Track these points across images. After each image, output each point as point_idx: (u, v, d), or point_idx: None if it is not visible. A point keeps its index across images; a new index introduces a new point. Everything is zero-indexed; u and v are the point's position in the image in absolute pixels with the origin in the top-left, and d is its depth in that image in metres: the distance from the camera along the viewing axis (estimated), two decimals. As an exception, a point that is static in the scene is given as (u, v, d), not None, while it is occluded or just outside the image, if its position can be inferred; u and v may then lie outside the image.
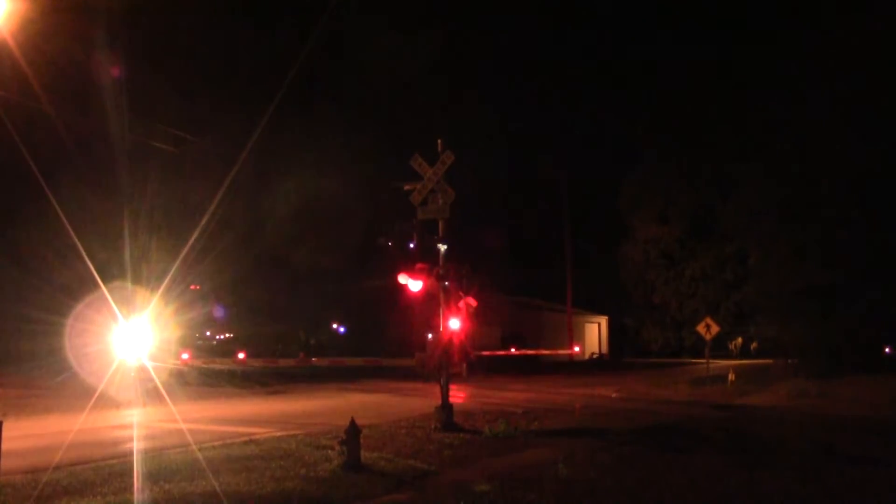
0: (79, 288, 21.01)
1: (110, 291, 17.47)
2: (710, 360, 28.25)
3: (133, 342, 17.67)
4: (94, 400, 15.41)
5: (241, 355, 35.70)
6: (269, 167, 33.27)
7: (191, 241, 19.72)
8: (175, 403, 16.62)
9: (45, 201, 18.58)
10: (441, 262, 13.53)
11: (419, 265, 13.60)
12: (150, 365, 19.04)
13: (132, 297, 18.98)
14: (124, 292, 18.96)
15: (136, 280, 21.00)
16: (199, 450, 10.21)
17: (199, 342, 36.11)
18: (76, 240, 18.16)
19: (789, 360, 29.61)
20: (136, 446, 10.72)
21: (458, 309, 13.67)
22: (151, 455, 9.87)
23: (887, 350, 28.08)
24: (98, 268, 17.89)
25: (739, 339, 46.29)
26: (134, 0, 21.23)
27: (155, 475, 8.40)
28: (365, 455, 9.49)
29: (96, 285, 17.77)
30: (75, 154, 24.25)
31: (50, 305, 22.99)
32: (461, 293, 13.75)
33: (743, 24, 46.89)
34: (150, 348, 19.27)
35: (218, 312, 37.47)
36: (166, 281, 20.10)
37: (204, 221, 19.84)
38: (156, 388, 17.92)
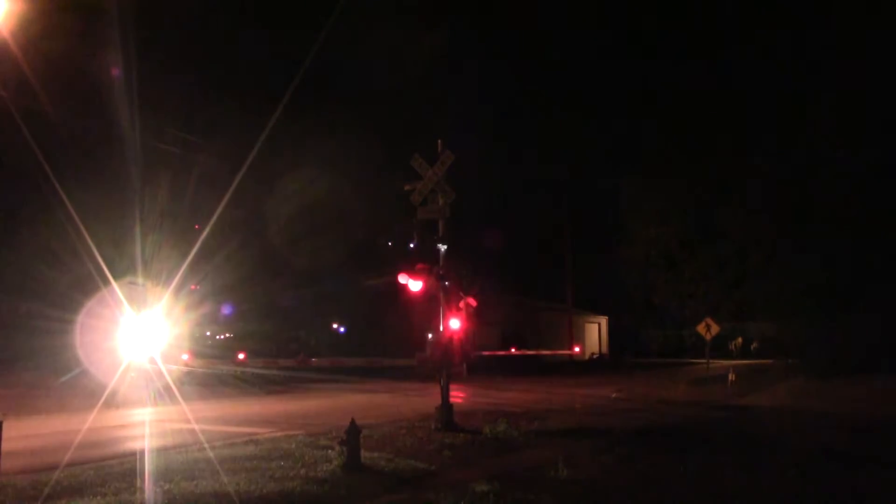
0: (89, 284, 21.06)
1: (120, 288, 17.52)
2: (711, 360, 28.28)
3: (142, 341, 17.71)
4: (101, 400, 15.46)
5: (241, 355, 35.71)
6: (270, 167, 33.27)
7: (199, 242, 19.77)
8: (177, 404, 16.65)
9: (56, 198, 18.69)
10: (441, 262, 13.53)
11: (419, 265, 13.59)
12: (161, 364, 19.08)
13: (142, 295, 19.02)
14: (134, 290, 19.00)
15: (146, 278, 21.04)
16: (200, 450, 10.22)
17: (197, 341, 36.12)
18: (86, 236, 18.21)
19: (789, 360, 29.62)
20: (140, 447, 10.72)
21: (458, 309, 13.67)
22: (153, 455, 9.87)
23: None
24: (108, 265, 17.94)
25: (739, 339, 46.32)
26: (138, 2, 21.31)
27: (155, 475, 8.40)
28: (365, 455, 9.49)
29: (107, 282, 17.83)
30: (83, 152, 24.40)
31: (61, 302, 23.06)
32: (461, 293, 13.75)
33: (743, 26, 46.88)
34: (161, 348, 19.31)
35: (226, 311, 37.51)
36: (176, 280, 20.14)
37: (211, 222, 19.89)
38: (160, 389, 17.95)
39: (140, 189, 23.75)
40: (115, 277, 18.31)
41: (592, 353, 48.78)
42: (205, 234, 19.97)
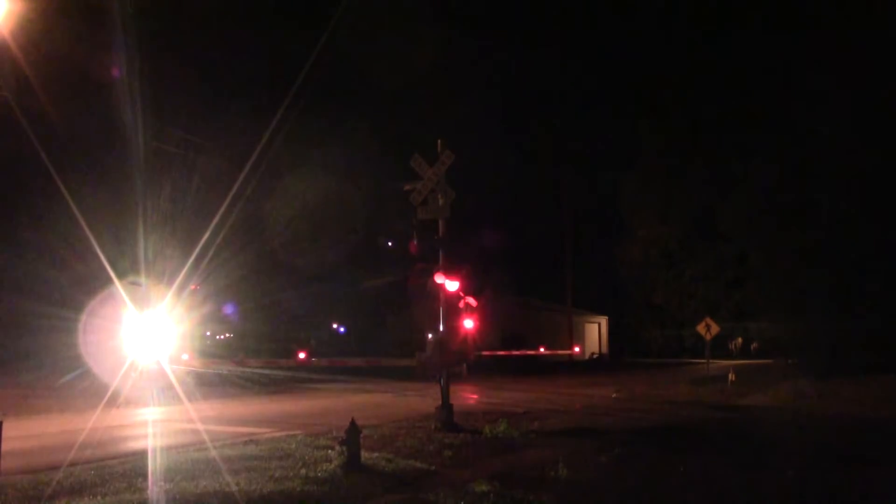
0: (92, 284, 21.06)
1: (123, 288, 17.54)
2: (710, 360, 28.27)
3: (145, 341, 17.71)
4: (104, 400, 15.50)
5: (241, 355, 35.73)
6: (271, 168, 33.26)
7: (202, 242, 19.81)
8: (178, 403, 16.67)
9: (58, 198, 18.76)
10: (441, 262, 13.53)
11: (419, 265, 13.60)
12: (165, 364, 19.09)
13: (146, 294, 19.02)
14: (137, 290, 19.01)
15: (149, 278, 21.06)
16: (200, 449, 10.23)
17: (198, 341, 36.12)
18: (89, 235, 18.25)
19: (789, 360, 29.63)
20: (141, 446, 10.74)
21: (459, 309, 13.67)
22: (153, 455, 9.88)
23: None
24: (110, 265, 17.97)
25: (739, 339, 46.37)
26: (139, 2, 21.36)
27: (156, 475, 8.41)
28: (365, 455, 9.50)
29: (109, 281, 17.85)
30: (86, 152, 24.47)
31: (63, 301, 23.08)
32: (461, 293, 13.76)
33: (744, 25, 46.92)
34: (164, 348, 19.30)
35: (228, 311, 37.51)
36: (179, 279, 20.16)
37: (214, 223, 19.94)
38: (162, 388, 17.98)
39: (142, 189, 23.79)
40: (117, 277, 18.34)
41: (592, 353, 48.79)
42: (207, 234, 20.01)
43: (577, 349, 44.76)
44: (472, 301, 13.97)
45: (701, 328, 25.51)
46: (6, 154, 23.02)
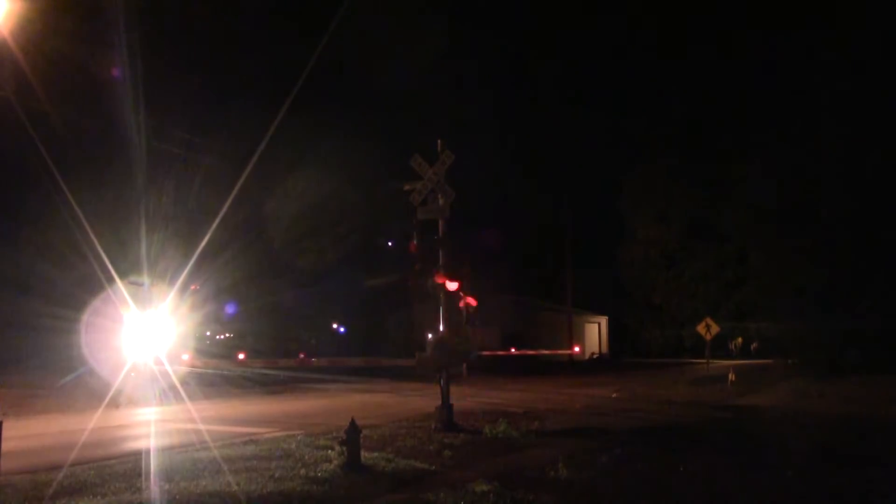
0: (93, 283, 21.14)
1: (124, 288, 17.60)
2: (710, 360, 28.30)
3: (147, 341, 17.75)
4: (105, 400, 15.52)
5: (241, 356, 35.75)
6: (270, 168, 33.29)
7: (203, 242, 19.87)
8: (178, 404, 16.69)
9: (60, 197, 18.81)
10: (441, 262, 13.54)
11: (419, 265, 13.60)
12: (166, 364, 19.14)
13: (146, 294, 19.06)
14: (138, 290, 19.05)
15: (151, 277, 21.11)
16: (200, 449, 10.24)
17: (197, 341, 36.15)
18: (91, 235, 18.31)
19: (789, 360, 29.65)
20: (141, 446, 10.75)
21: (459, 309, 13.67)
22: (153, 455, 9.89)
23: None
24: (112, 264, 18.03)
25: (739, 339, 46.35)
26: (140, 2, 21.41)
27: (156, 475, 8.42)
28: (365, 455, 9.51)
29: (111, 281, 17.91)
30: (87, 152, 24.56)
31: (64, 301, 23.14)
32: (461, 293, 13.76)
33: (745, 25, 46.97)
34: (166, 348, 19.36)
35: (229, 310, 37.59)
36: (180, 279, 20.22)
37: (216, 223, 19.99)
38: (163, 388, 18.00)
39: (143, 189, 23.83)
40: (119, 276, 18.39)
41: (592, 353, 48.79)
42: (209, 234, 20.07)
43: (577, 349, 44.76)
44: (472, 301, 13.97)
45: (701, 328, 25.54)
46: (7, 154, 23.08)
